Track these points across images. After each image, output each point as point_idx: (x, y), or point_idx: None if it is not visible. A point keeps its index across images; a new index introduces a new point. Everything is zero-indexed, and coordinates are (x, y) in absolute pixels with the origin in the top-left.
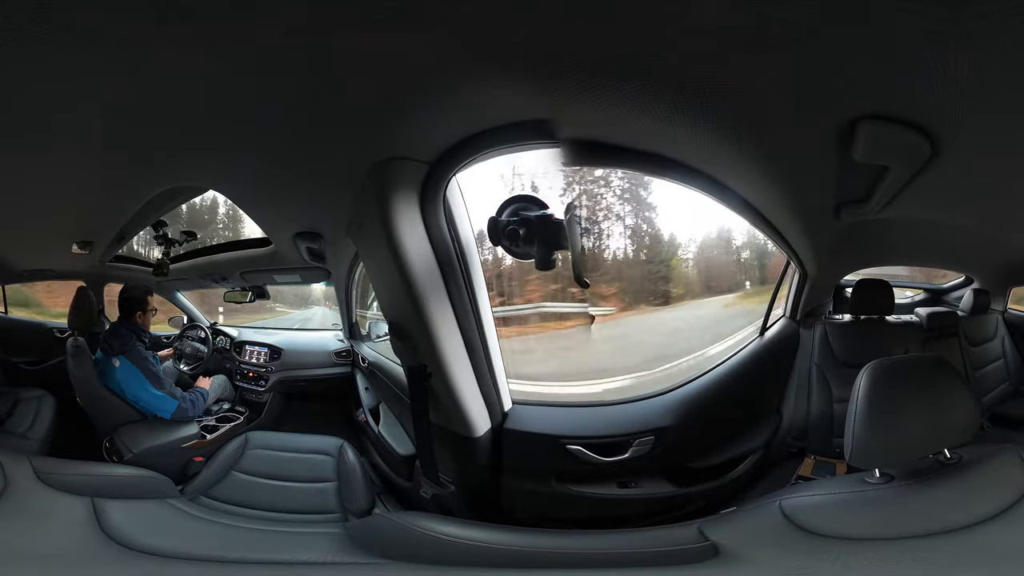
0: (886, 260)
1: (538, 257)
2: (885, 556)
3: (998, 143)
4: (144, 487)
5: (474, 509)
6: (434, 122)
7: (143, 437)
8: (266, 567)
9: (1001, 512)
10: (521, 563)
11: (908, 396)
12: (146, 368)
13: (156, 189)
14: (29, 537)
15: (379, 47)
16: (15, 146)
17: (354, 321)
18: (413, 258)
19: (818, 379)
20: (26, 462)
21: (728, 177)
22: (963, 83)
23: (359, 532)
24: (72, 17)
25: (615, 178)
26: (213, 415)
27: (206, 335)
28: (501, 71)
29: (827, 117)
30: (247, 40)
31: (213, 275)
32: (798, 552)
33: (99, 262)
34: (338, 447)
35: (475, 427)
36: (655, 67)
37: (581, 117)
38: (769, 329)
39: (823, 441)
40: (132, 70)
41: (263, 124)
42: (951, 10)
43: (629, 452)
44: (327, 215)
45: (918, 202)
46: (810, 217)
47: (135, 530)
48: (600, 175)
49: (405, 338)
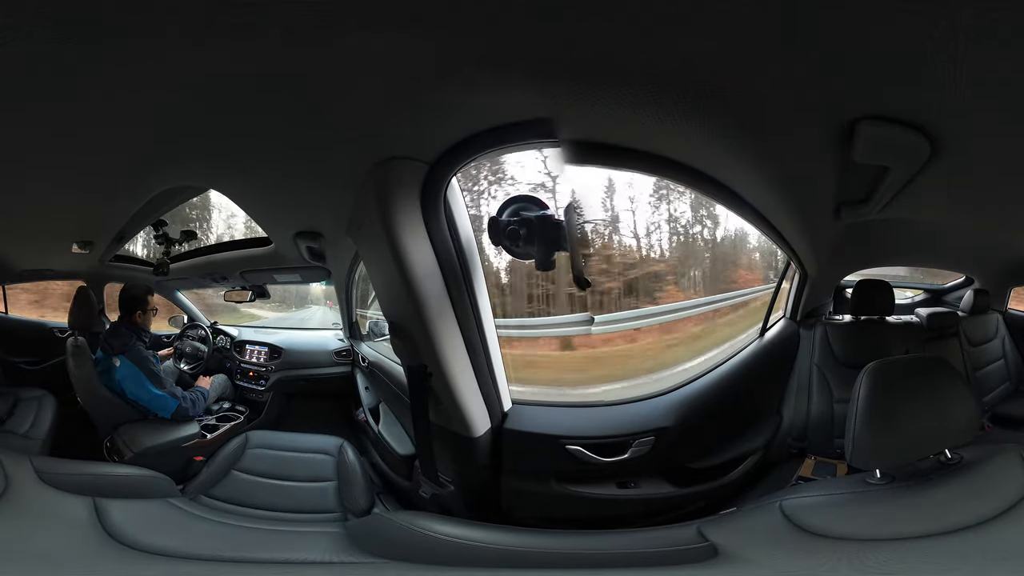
0: (886, 260)
1: (538, 257)
2: (887, 556)
3: (998, 143)
4: (145, 487)
5: (473, 509)
6: (435, 122)
7: (144, 436)
8: (265, 567)
9: (1003, 512)
10: (520, 563)
11: (909, 396)
12: (146, 368)
13: (156, 189)
14: (32, 537)
15: (381, 47)
16: (15, 145)
17: (354, 320)
18: (413, 258)
19: (818, 380)
20: (27, 462)
21: (729, 177)
22: (962, 84)
23: (358, 532)
24: (72, 17)
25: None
26: (213, 414)
27: (206, 334)
28: (502, 71)
29: (827, 117)
30: (248, 39)
31: (213, 274)
32: (799, 552)
33: (99, 262)
34: (338, 446)
35: (475, 427)
36: (656, 68)
37: (582, 117)
38: (769, 330)
39: (823, 442)
40: (133, 69)
41: (264, 123)
42: (950, 10)
43: (629, 452)
44: (327, 214)
45: (918, 202)
46: (810, 217)
47: (137, 530)
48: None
49: (405, 338)
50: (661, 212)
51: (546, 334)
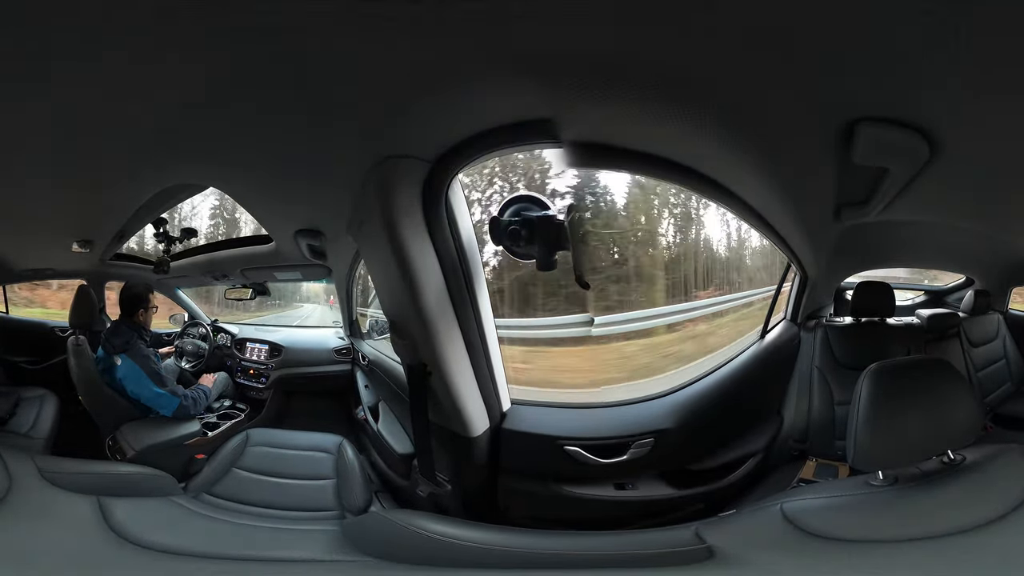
0: (887, 262)
1: (539, 258)
2: (891, 558)
3: (996, 143)
4: (148, 485)
5: (470, 509)
6: (437, 120)
7: (145, 435)
8: (259, 564)
9: (1007, 513)
10: (513, 563)
11: (910, 398)
12: (148, 366)
13: (157, 187)
14: (39, 537)
15: (383, 46)
16: (15, 145)
17: (354, 318)
18: (414, 256)
19: (819, 382)
20: (30, 462)
21: (729, 179)
22: (960, 85)
23: (354, 530)
24: (72, 16)
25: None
26: (214, 412)
27: (207, 332)
28: (505, 71)
29: (827, 119)
30: (248, 38)
31: (214, 272)
32: (801, 554)
33: (99, 261)
34: (337, 444)
35: (473, 427)
36: (657, 70)
37: (583, 119)
38: (770, 332)
39: (825, 444)
40: (134, 68)
41: (265, 121)
42: (950, 13)
43: (627, 454)
44: (328, 212)
45: (918, 204)
46: (810, 219)
47: (142, 528)
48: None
49: (405, 336)
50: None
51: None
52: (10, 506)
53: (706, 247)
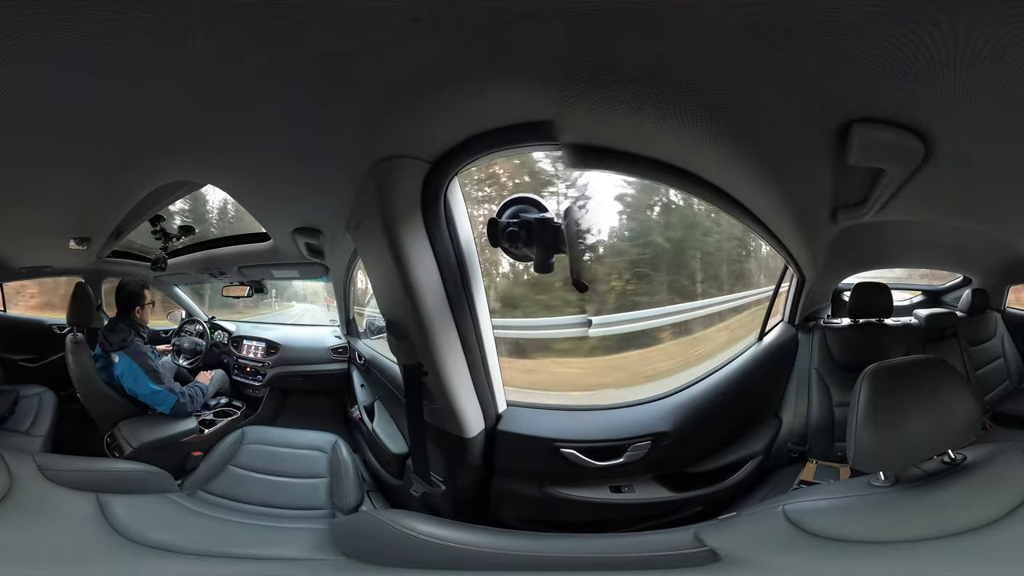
0: (884, 263)
1: (537, 260)
2: (895, 558)
3: (992, 143)
4: (145, 482)
5: (461, 510)
6: (436, 121)
7: (143, 431)
8: (235, 561)
9: (1009, 512)
10: (502, 565)
11: (909, 398)
12: (145, 363)
13: (154, 184)
14: (42, 535)
15: (383, 46)
16: (14, 144)
17: (351, 317)
18: (412, 256)
19: (818, 383)
20: (30, 460)
21: (725, 181)
22: (956, 85)
23: (343, 529)
24: (71, 16)
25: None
26: (211, 409)
27: (204, 330)
28: (505, 72)
29: (822, 120)
30: (248, 38)
31: (211, 269)
32: (805, 555)
33: (97, 258)
34: (332, 443)
35: (469, 428)
36: (656, 71)
37: (582, 120)
38: (768, 334)
39: (824, 446)
40: (132, 66)
41: (264, 119)
42: (946, 14)
43: (624, 456)
44: (326, 211)
45: (914, 204)
46: (807, 221)
47: (140, 525)
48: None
49: (402, 336)
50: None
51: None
52: (12, 504)
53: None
